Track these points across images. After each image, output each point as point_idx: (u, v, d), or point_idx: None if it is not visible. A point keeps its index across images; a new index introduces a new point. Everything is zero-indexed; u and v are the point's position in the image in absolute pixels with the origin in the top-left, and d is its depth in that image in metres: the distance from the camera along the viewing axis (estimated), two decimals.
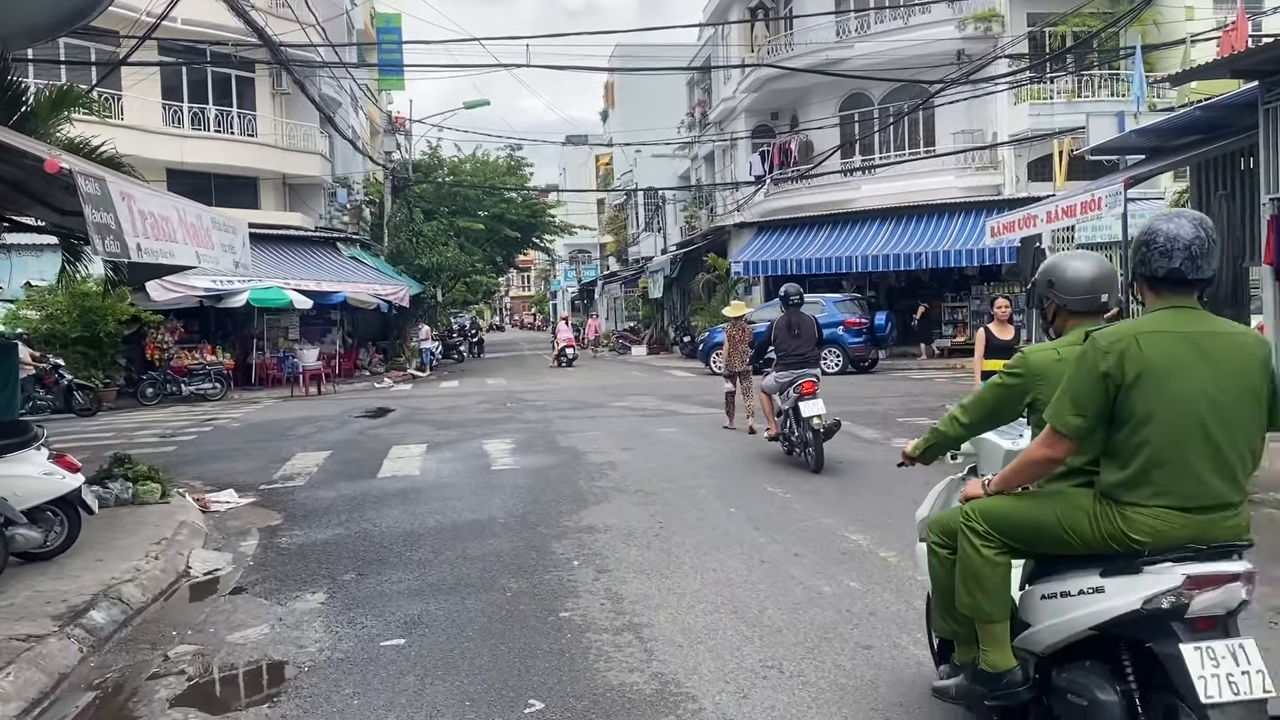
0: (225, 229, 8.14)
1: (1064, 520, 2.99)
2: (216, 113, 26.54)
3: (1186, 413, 2.82)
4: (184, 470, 11.38)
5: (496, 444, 12.41)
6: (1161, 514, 2.83)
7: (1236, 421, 2.87)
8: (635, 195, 50.47)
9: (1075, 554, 3.01)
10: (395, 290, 26.82)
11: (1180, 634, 2.74)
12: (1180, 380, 2.83)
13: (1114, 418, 2.88)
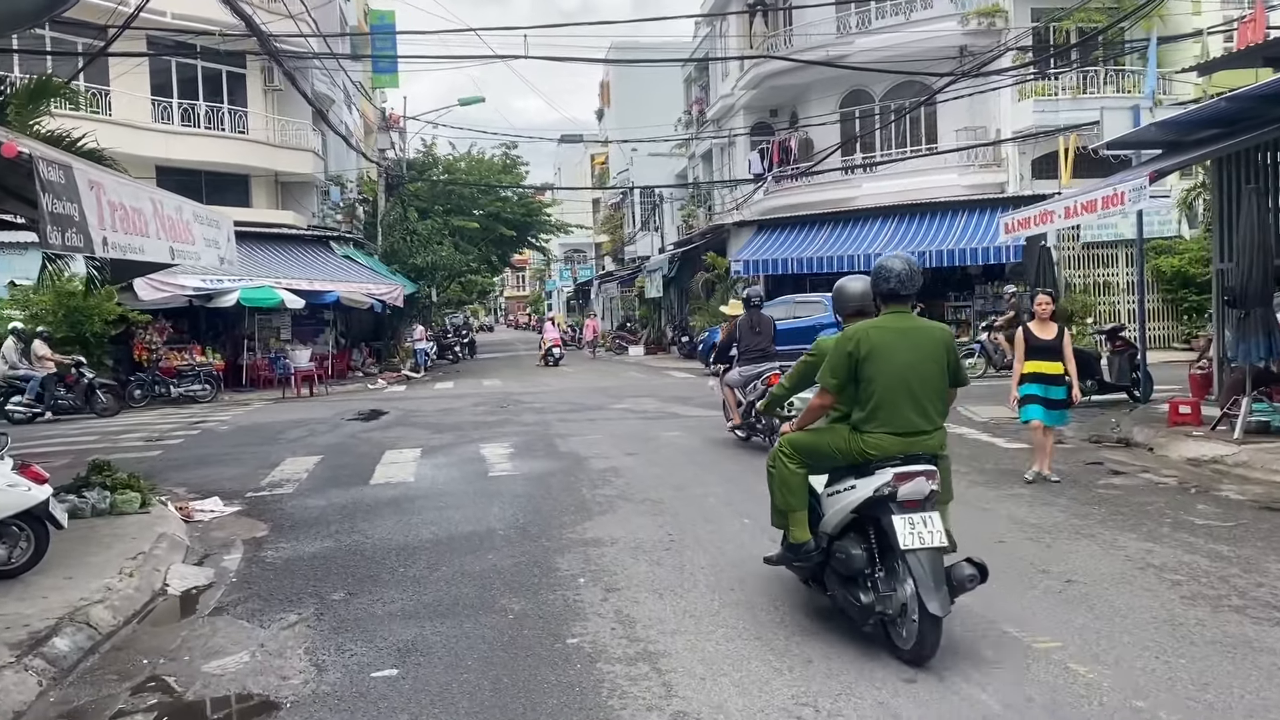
0: (208, 223, 7.68)
1: (833, 444, 4.79)
2: (207, 109, 26.04)
3: (896, 376, 4.57)
4: (168, 476, 10.92)
5: (494, 448, 11.96)
6: (883, 438, 4.58)
7: (928, 381, 4.64)
8: (631, 194, 50.05)
9: (841, 465, 4.78)
10: (389, 290, 26.35)
11: (893, 510, 4.44)
12: (893, 356, 4.58)
13: (856, 379, 4.64)
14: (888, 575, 4.51)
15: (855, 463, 4.67)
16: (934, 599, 4.24)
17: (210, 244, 7.59)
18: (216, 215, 8.04)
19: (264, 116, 27.56)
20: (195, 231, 7.28)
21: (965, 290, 25.32)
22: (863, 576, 4.61)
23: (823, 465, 4.91)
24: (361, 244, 31.40)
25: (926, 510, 4.45)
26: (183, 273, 21.19)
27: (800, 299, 22.70)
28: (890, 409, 4.57)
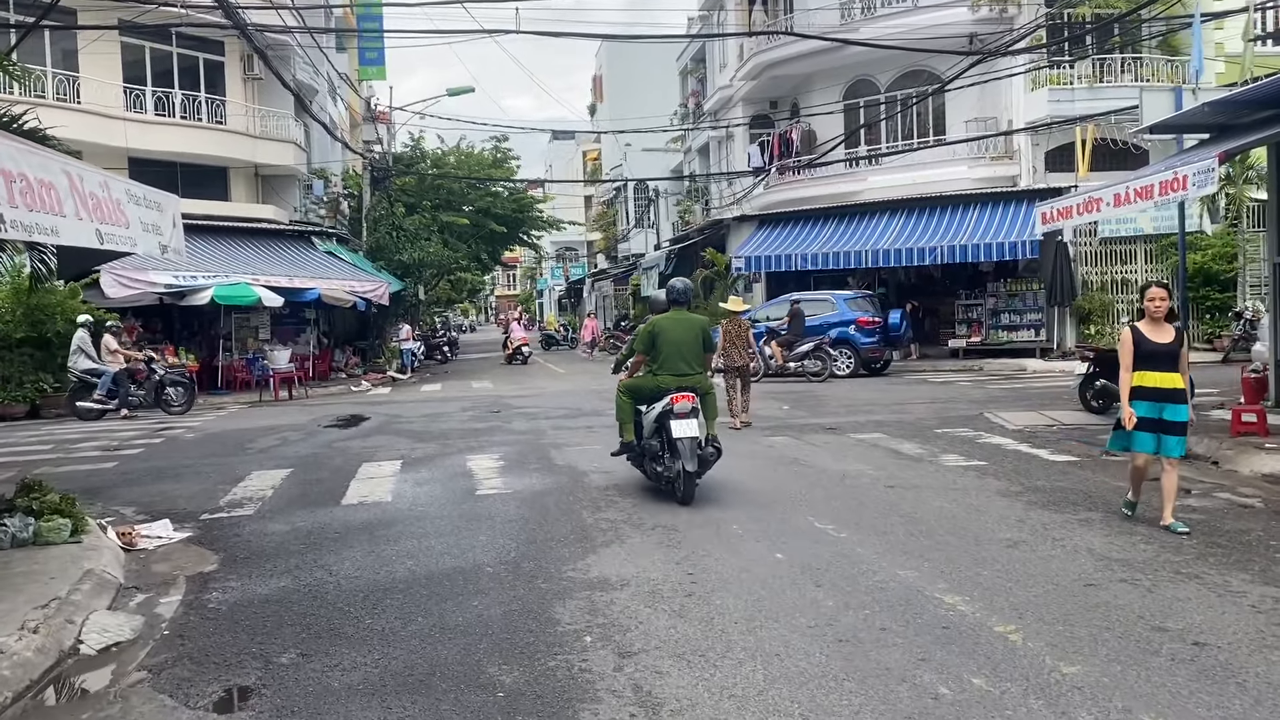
0: (146, 204, 6.53)
1: (645, 384, 8.34)
2: (183, 98, 24.82)
3: (673, 345, 8.16)
4: (117, 494, 9.78)
5: (482, 461, 10.83)
6: (667, 378, 8.10)
7: (691, 347, 8.24)
8: (625, 190, 48.94)
9: (648, 396, 8.25)
10: (374, 287, 25.17)
11: (672, 418, 7.79)
12: (672, 334, 8.18)
13: (654, 347, 8.22)
14: (670, 456, 8.02)
15: (655, 394, 8.26)
16: (691, 463, 7.81)
17: (150, 229, 6.45)
18: (159, 197, 6.89)
19: (243, 106, 26.35)
20: (130, 213, 6.14)
21: (977, 288, 24.25)
22: (658, 457, 8.20)
23: (642, 396, 8.46)
24: (346, 240, 30.18)
25: (689, 418, 7.86)
26: (153, 269, 20.05)
27: (807, 298, 21.59)
28: (671, 363, 8.23)
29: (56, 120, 21.35)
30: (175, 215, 7.13)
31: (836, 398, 16.41)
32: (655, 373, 8.25)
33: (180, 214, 7.25)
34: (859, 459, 10.10)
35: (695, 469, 7.82)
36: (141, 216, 6.29)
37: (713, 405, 8.31)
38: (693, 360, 8.24)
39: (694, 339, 8.28)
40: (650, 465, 8.29)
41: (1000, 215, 23.60)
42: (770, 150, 28.71)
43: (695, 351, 8.27)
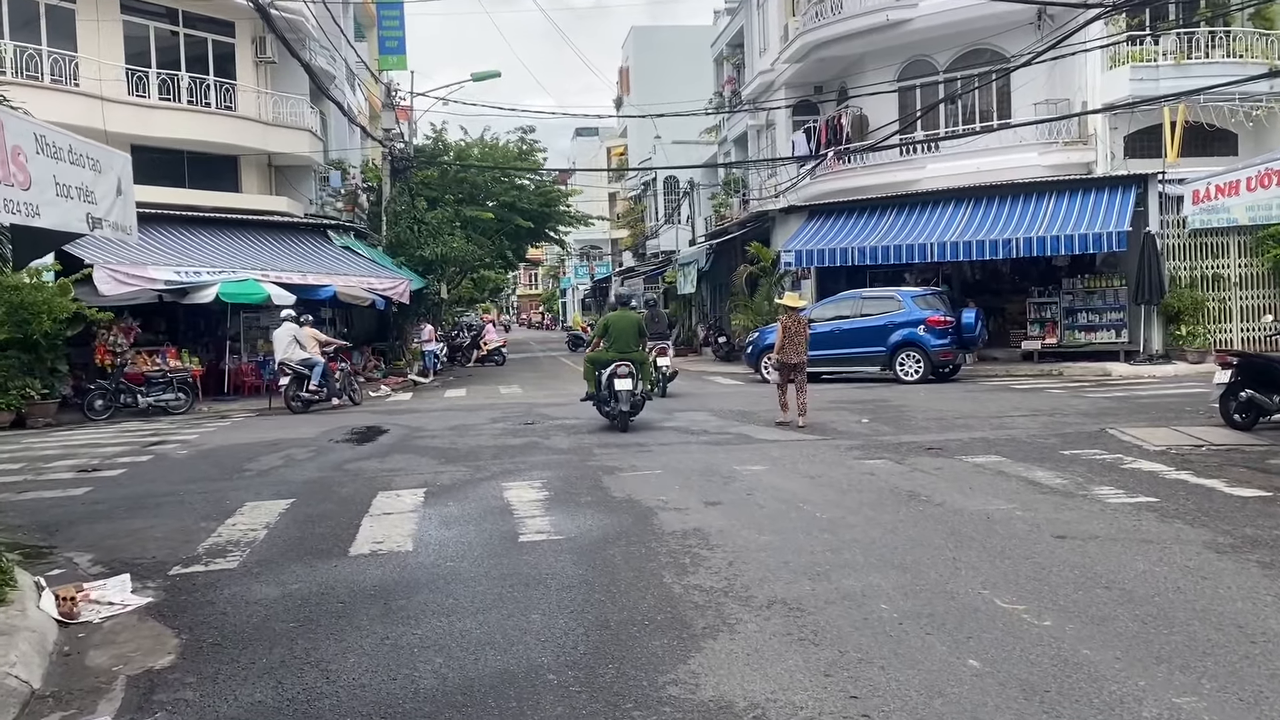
0: (73, 160, 4.70)
1: (602, 357, 13.20)
2: (190, 81, 23.10)
3: (620, 331, 13.23)
4: (78, 533, 7.97)
5: (522, 491, 8.94)
6: (613, 354, 13.02)
7: (631, 334, 13.25)
8: (655, 184, 47.06)
9: (604, 365, 13.01)
10: (393, 285, 23.36)
11: (615, 378, 12.69)
12: (619, 325, 13.31)
13: (606, 333, 13.45)
14: (613, 401, 12.62)
15: (607, 363, 12.77)
16: (626, 405, 12.57)
17: (75, 194, 4.62)
18: (99, 153, 5.08)
19: (255, 91, 24.62)
20: (36, 170, 4.31)
21: (1050, 284, 22.20)
22: (607, 402, 12.74)
23: (599, 364, 12.98)
24: (364, 234, 28.43)
25: (626, 379, 12.52)
26: (152, 264, 18.35)
27: (869, 294, 19.63)
28: (618, 344, 13.00)
29: (52, 104, 19.81)
30: (123, 180, 5.32)
31: (916, 408, 14.44)
32: (607, 349, 13.21)
33: (130, 178, 5.42)
34: (992, 492, 8.14)
35: (629, 409, 12.79)
36: (60, 175, 4.47)
37: (647, 372, 13.67)
38: (631, 342, 13.23)
39: (632, 328, 13.39)
40: (603, 407, 13.16)
41: (1075, 205, 21.56)
42: (817, 137, 26.74)
43: (633, 336, 13.31)
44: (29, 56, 19.92)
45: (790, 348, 12.89)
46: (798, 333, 12.92)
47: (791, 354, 12.90)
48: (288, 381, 17.61)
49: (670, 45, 53.37)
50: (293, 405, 17.46)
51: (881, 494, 8.20)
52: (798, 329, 12.94)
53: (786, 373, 13.07)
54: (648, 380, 13.45)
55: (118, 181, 5.23)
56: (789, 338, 12.87)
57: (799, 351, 12.90)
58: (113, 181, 5.13)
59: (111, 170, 5.12)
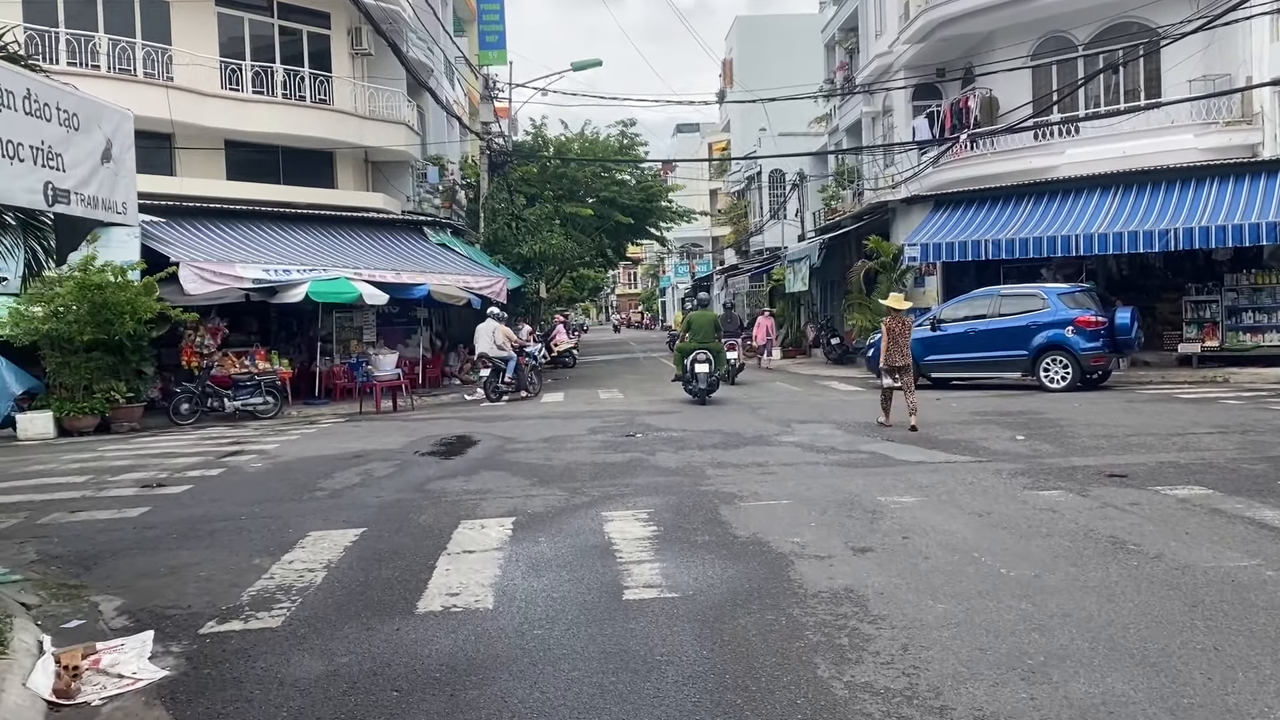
0: (28, 108, 3.48)
1: (687, 347, 17.30)
2: (285, 74, 22.43)
3: (698, 327, 17.50)
4: (116, 569, 6.92)
5: (625, 524, 7.55)
6: (694, 344, 17.17)
7: (707, 329, 17.55)
8: (759, 179, 45.32)
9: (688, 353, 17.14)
10: (490, 283, 22.31)
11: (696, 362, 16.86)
12: (698, 322, 17.66)
13: (689, 328, 17.68)
14: (694, 380, 16.71)
15: (690, 352, 16.93)
16: (704, 385, 16.68)
17: (24, 154, 3.37)
18: (77, 103, 3.85)
19: (351, 83, 23.88)
20: None
21: (1210, 280, 19.86)
22: (689, 382, 16.83)
23: (686, 352, 17.04)
24: (461, 231, 27.53)
25: (703, 364, 16.67)
26: (239, 261, 17.59)
27: (1009, 291, 17.71)
28: (697, 336, 17.19)
29: (144, 98, 19.28)
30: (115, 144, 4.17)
31: (1075, 421, 12.58)
32: (690, 341, 17.28)
33: (129, 142, 4.21)
34: (1217, 540, 6.41)
35: (705, 387, 16.72)
36: (15, 133, 3.24)
37: (722, 360, 17.69)
38: (709, 335, 17.35)
39: (710, 324, 17.70)
40: (686, 385, 16.97)
41: (1239, 192, 19.21)
42: (941, 122, 24.76)
43: (710, 331, 17.51)
44: (121, 50, 19.42)
45: (895, 350, 12.52)
46: (901, 334, 12.55)
47: (896, 356, 12.52)
48: (488, 373, 19.53)
49: (775, 35, 51.55)
50: (491, 395, 19.36)
51: (1075, 540, 6.54)
52: (902, 330, 12.58)
53: (891, 375, 12.68)
54: (722, 366, 17.78)
55: (106, 145, 4.06)
56: (893, 340, 12.53)
57: (904, 354, 12.55)
58: (97, 144, 3.96)
59: (97, 129, 3.95)
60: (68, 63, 18.65)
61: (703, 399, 16.74)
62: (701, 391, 16.75)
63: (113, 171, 4.14)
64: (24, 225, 7.79)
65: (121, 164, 4.19)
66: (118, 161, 4.19)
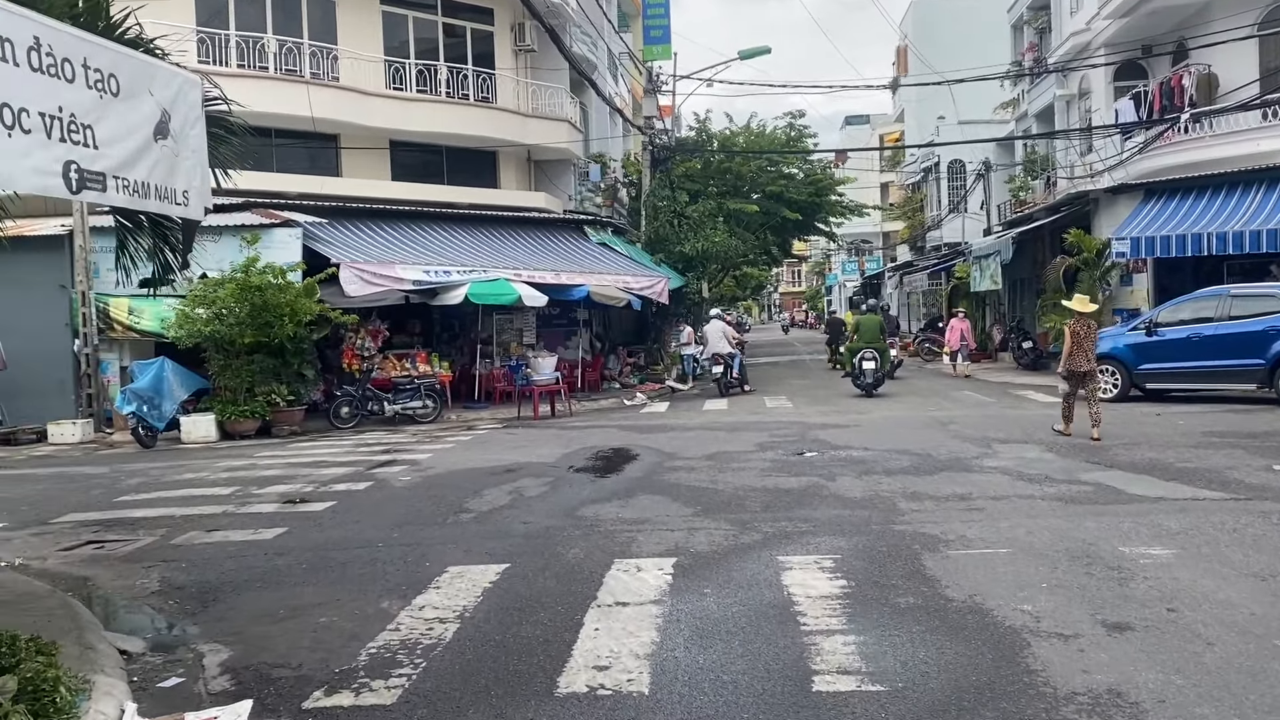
0: (35, 62, 2.60)
1: (855, 346, 19.52)
2: (448, 73, 22.12)
3: (866, 328, 19.71)
4: (234, 605, 6.24)
5: (807, 574, 6.33)
6: (862, 344, 19.27)
7: (874, 331, 19.71)
8: (936, 170, 42.91)
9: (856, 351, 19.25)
10: (651, 283, 21.35)
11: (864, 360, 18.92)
12: (865, 324, 19.93)
13: (857, 330, 20.03)
14: (861, 376, 18.78)
15: (857, 351, 19.09)
16: (870, 379, 18.74)
17: (35, 123, 2.50)
18: (117, 59, 2.96)
19: (514, 81, 23.42)
20: None
21: None
22: (858, 378, 18.87)
23: (855, 351, 19.21)
24: (622, 230, 26.74)
25: (870, 361, 18.72)
26: (400, 262, 17.23)
27: (1242, 291, 15.43)
28: (865, 336, 19.35)
29: (312, 98, 19.17)
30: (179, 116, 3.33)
31: None
32: (857, 342, 19.49)
33: (197, 114, 3.33)
34: None
35: (872, 381, 18.79)
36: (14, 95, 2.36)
37: (886, 356, 19.81)
38: (874, 337, 19.45)
39: (875, 326, 19.91)
40: (854, 381, 19.07)
41: None
42: (1149, 104, 22.26)
43: (875, 332, 19.67)
44: (288, 50, 19.45)
45: (1079, 354, 12.03)
46: (1086, 337, 12.08)
47: (1081, 361, 12.03)
48: (720, 370, 20.76)
49: (954, 18, 48.70)
50: (722, 390, 20.59)
51: None
52: (1087, 334, 12.11)
53: (1075, 382, 12.14)
54: (886, 363, 19.72)
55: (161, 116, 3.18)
56: (1078, 344, 12.05)
57: (1089, 358, 12.07)
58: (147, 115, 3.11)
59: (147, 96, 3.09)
60: (237, 65, 18.78)
61: (869, 391, 18.81)
62: (868, 385, 18.81)
63: (171, 151, 3.30)
64: (154, 224, 7.23)
65: (184, 142, 3.34)
66: (178, 139, 3.33)
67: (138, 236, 7.60)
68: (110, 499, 10.28)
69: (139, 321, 16.32)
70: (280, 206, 17.81)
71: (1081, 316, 12.20)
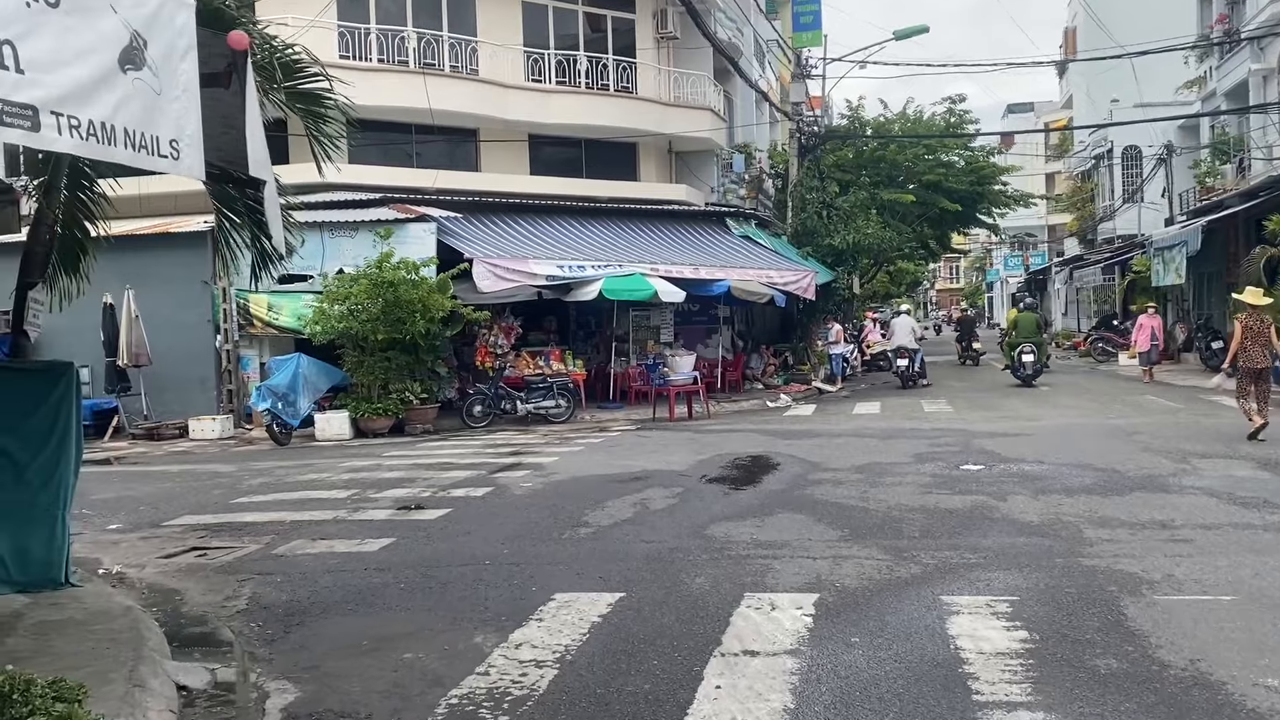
0: None
1: (1012, 341, 21.80)
2: (588, 63, 21.52)
3: (1023, 325, 21.73)
4: (317, 631, 5.64)
5: (978, 621, 5.23)
6: (1020, 338, 21.15)
7: (1031, 327, 21.78)
8: (1108, 157, 39.97)
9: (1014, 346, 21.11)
10: (796, 278, 20.15)
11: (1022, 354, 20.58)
12: (1023, 321, 22.01)
13: (1015, 327, 22.25)
14: (1021, 366, 20.27)
15: (1017, 345, 20.68)
16: (1029, 370, 20.23)
17: None
18: None
19: (655, 70, 22.66)
20: None
21: None
22: (1016, 367, 20.46)
23: (1014, 345, 20.92)
24: (767, 223, 25.61)
25: (1029, 354, 20.25)
26: (533, 257, 16.69)
27: None
28: (1023, 332, 21.22)
29: (451, 91, 18.95)
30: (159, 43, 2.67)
31: None
32: (1016, 338, 21.25)
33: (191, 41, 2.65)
34: None
35: (1030, 373, 20.05)
36: None
37: (1043, 350, 21.53)
38: (1031, 332, 21.28)
39: (1032, 323, 21.86)
40: (1013, 373, 20.48)
41: None
42: None
43: (1033, 328, 21.58)
44: (426, 43, 19.21)
45: (1255, 349, 11.52)
46: (1260, 333, 11.55)
47: (1258, 357, 11.51)
48: (905, 364, 21.42)
49: None
50: (906, 384, 21.17)
51: None
52: (1260, 329, 11.57)
53: (1249, 380, 11.58)
54: (1043, 355, 21.42)
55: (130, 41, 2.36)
56: (1251, 339, 11.56)
57: (1265, 355, 11.53)
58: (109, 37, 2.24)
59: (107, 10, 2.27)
60: (378, 59, 18.65)
61: (1028, 382, 20.07)
62: (1028, 376, 20.16)
63: (149, 87, 2.57)
64: (250, 210, 6.69)
65: (169, 76, 2.59)
66: (160, 71, 2.58)
67: (236, 225, 7.13)
68: (228, 500, 9.98)
69: (277, 318, 16.29)
70: (418, 202, 17.56)
71: (1255, 310, 11.76)
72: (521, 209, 19.36)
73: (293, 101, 6.51)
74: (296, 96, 6.49)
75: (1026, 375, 20.15)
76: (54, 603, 5.77)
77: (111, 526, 8.84)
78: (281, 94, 6.18)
